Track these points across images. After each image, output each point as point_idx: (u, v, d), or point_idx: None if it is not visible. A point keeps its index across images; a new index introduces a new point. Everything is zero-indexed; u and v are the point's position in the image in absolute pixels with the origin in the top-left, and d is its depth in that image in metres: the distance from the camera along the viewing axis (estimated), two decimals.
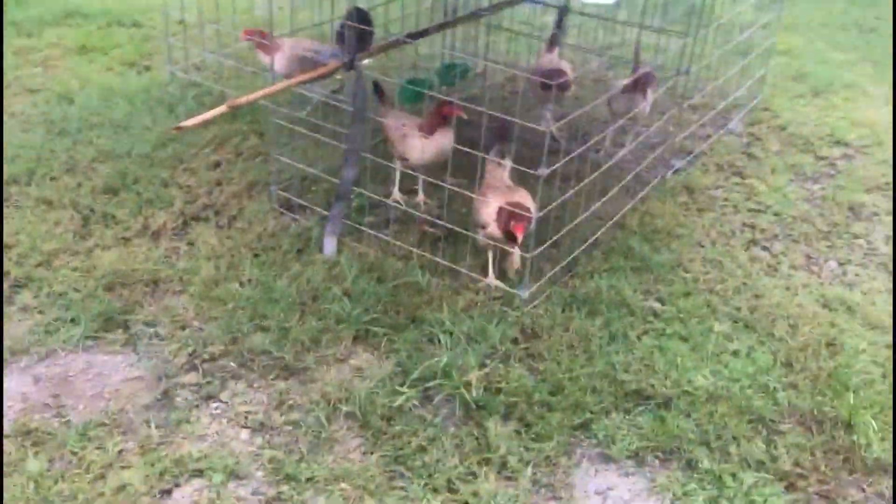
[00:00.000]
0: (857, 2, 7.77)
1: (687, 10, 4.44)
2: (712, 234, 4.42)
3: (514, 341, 3.61)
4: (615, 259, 4.13)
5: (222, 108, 3.52)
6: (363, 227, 4.19)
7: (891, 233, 4.50)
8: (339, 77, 4.84)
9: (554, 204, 3.85)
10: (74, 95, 5.34)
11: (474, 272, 3.94)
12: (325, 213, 4.20)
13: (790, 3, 7.57)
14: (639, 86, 4.69)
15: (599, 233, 4.24)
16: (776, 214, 4.62)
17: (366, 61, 4.17)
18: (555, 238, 3.98)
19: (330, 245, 4.08)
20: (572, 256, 4.06)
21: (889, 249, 4.37)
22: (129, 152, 4.72)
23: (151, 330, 3.59)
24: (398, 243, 4.09)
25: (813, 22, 7.23)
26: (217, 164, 4.73)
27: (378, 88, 4.38)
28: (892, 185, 4.88)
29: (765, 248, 4.36)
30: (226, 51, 5.85)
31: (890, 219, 4.62)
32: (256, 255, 4.03)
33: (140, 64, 5.95)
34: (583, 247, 4.13)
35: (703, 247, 4.32)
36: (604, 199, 4.27)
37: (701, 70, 5.51)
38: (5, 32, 6.15)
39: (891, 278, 4.16)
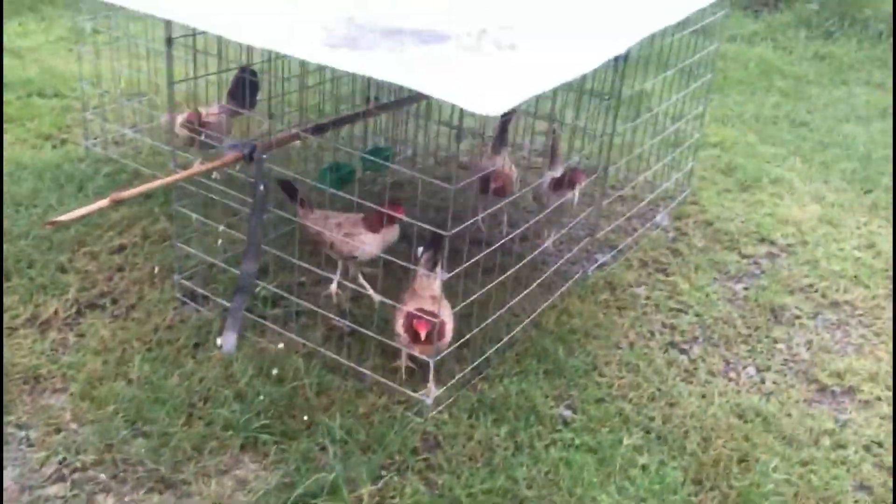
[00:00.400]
0: (790, 95, 7.87)
1: (609, 105, 4.38)
2: (631, 334, 4.31)
3: (414, 451, 3.42)
4: (528, 361, 3.98)
5: (104, 203, 3.34)
6: (266, 322, 4.00)
7: (812, 337, 4.42)
8: None
9: (463, 303, 3.71)
10: None
11: (379, 373, 3.77)
12: (230, 304, 4.01)
13: (724, 95, 7.68)
14: (566, 182, 4.62)
15: (514, 332, 4.10)
16: (697, 315, 4.52)
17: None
18: (466, 337, 3.83)
19: (229, 340, 3.88)
20: (483, 357, 3.91)
21: (809, 356, 4.28)
22: (27, 233, 4.49)
23: (23, 434, 3.34)
24: (302, 340, 3.91)
25: (746, 114, 7.28)
26: (121, 248, 4.53)
27: (290, 189, 4.16)
28: (814, 287, 4.84)
29: (683, 352, 4.25)
30: (148, 125, 5.71)
31: (811, 322, 4.55)
32: (149, 350, 3.81)
33: (57, 137, 5.76)
34: (495, 347, 3.98)
35: (620, 349, 4.19)
36: (520, 295, 4.14)
37: (631, 161, 5.49)
38: None
39: (808, 387, 4.06)
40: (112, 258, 4.43)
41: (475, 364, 3.87)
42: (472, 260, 3.65)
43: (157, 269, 4.35)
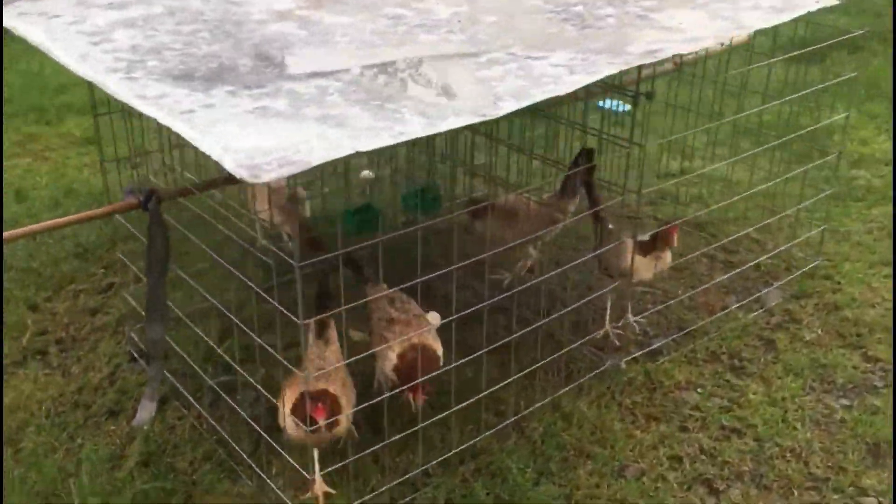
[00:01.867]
0: None
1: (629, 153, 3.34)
2: (648, 458, 3.24)
3: None
4: (478, 486, 3.08)
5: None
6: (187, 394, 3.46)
7: None
8: None
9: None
10: (28, 193, 5.08)
11: (284, 475, 3.08)
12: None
13: None
14: (658, 243, 3.65)
15: (478, 438, 3.21)
16: (757, 440, 3.33)
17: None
18: (409, 431, 3.02)
19: (144, 412, 3.39)
20: (421, 469, 3.08)
21: None
22: (31, 266, 4.32)
23: None
24: (216, 425, 3.31)
25: None
26: (109, 287, 4.22)
27: (355, 266, 3.38)
28: None
29: (714, 492, 3.11)
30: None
31: None
32: (59, 415, 3.42)
33: (132, 160, 5.63)
34: (442, 456, 3.12)
35: (622, 477, 3.15)
36: (500, 383, 3.20)
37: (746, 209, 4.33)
38: (23, 118, 6.12)
39: None
40: (92, 299, 4.13)
41: (408, 476, 3.06)
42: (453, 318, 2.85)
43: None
